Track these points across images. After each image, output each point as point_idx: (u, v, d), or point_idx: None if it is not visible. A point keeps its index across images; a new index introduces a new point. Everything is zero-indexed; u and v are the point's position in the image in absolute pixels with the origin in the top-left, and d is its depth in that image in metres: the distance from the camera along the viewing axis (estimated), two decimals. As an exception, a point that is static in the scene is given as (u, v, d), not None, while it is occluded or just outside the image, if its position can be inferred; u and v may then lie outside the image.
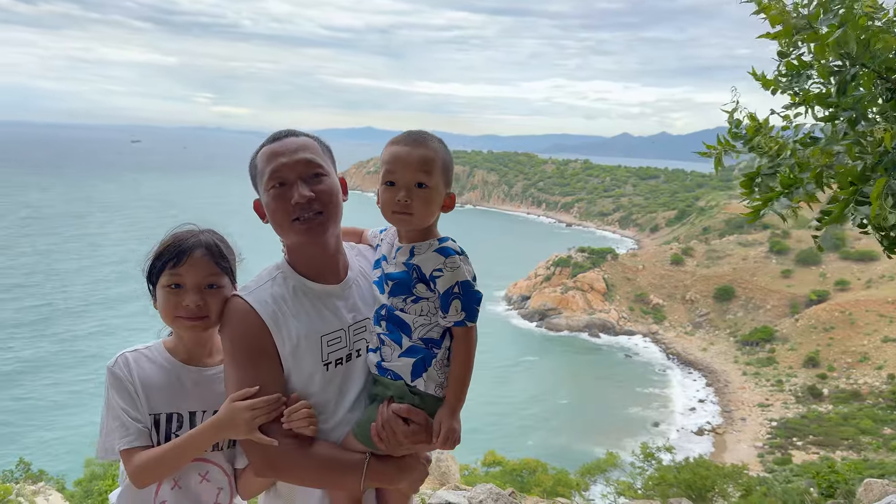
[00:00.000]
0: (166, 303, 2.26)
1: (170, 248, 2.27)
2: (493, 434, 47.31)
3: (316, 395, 2.11)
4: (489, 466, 18.77)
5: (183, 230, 2.33)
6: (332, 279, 2.20)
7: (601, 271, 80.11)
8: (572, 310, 75.48)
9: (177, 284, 2.24)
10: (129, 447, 2.19)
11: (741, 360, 65.07)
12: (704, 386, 60.89)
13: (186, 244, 2.26)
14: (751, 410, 54.45)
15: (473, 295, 2.03)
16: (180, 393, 2.29)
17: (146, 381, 2.26)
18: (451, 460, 10.21)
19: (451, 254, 2.03)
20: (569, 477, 17.72)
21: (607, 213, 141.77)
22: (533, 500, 5.74)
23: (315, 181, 2.10)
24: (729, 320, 73.02)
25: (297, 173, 2.09)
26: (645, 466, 17.23)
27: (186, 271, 2.24)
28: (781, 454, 44.36)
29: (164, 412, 2.26)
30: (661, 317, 75.96)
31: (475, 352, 2.09)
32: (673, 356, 68.03)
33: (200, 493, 2.31)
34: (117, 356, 2.28)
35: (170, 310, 2.26)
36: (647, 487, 14.43)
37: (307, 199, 2.06)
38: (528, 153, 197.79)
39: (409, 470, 2.12)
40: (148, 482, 2.22)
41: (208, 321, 2.26)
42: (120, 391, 2.23)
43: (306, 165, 2.10)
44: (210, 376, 2.33)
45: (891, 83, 2.30)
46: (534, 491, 16.24)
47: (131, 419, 2.21)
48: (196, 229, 2.34)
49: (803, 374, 59.83)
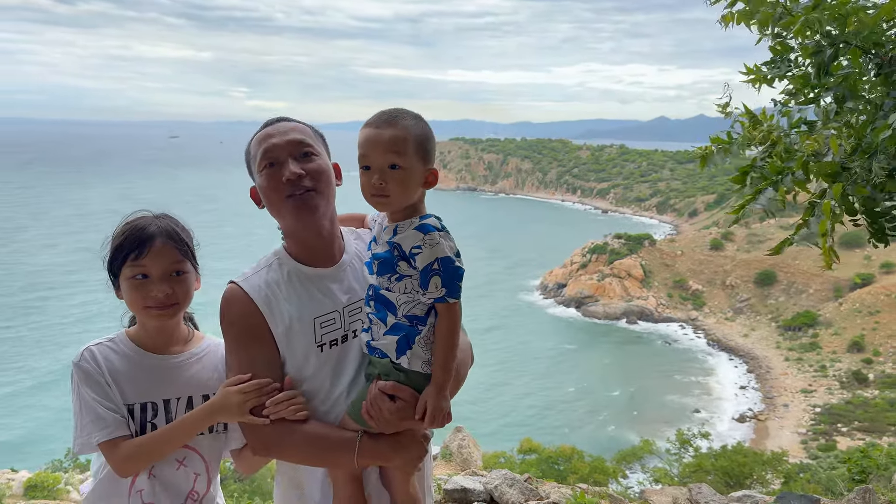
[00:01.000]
0: (133, 295, 2.22)
1: (130, 238, 2.21)
2: (530, 422, 47.35)
3: (311, 377, 2.13)
4: (525, 454, 18.79)
5: (139, 218, 2.28)
6: (327, 262, 2.22)
7: (638, 258, 79.23)
8: (609, 297, 74.91)
9: (143, 275, 2.20)
10: (110, 438, 2.15)
11: (783, 345, 63.90)
12: (746, 372, 60.03)
13: (147, 233, 2.21)
14: (793, 396, 53.52)
15: (454, 271, 2.00)
16: (151, 381, 2.25)
17: (115, 373, 2.22)
18: (474, 447, 10.26)
19: (431, 230, 1.99)
20: (605, 464, 17.68)
21: (644, 198, 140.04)
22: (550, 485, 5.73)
23: (305, 160, 2.13)
24: (770, 305, 71.72)
25: (287, 152, 2.12)
26: (681, 453, 17.10)
27: (150, 262, 2.20)
28: (825, 441, 43.54)
29: (138, 402, 2.23)
30: (700, 303, 74.93)
31: (459, 328, 2.07)
32: (713, 343, 67.14)
33: (177, 480, 2.29)
34: (82, 350, 2.24)
35: (138, 301, 2.22)
36: (683, 474, 14.33)
37: (297, 176, 2.08)
38: (563, 139, 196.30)
39: (404, 447, 2.10)
40: (135, 471, 2.21)
41: (178, 308, 2.25)
42: (91, 384, 2.18)
43: (296, 145, 2.13)
44: (179, 363, 2.32)
45: (879, 58, 2.24)
46: (570, 478, 16.25)
47: (108, 410, 2.17)
48: (151, 215, 2.30)
49: (847, 358, 58.54)
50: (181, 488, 2.30)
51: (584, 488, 5.94)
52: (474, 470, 7.04)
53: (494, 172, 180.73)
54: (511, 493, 5.28)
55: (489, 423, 45.94)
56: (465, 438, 10.32)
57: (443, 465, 9.78)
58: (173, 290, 2.22)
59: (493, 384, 54.53)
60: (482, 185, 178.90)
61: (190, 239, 2.33)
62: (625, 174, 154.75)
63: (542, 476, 16.32)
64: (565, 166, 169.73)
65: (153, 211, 2.32)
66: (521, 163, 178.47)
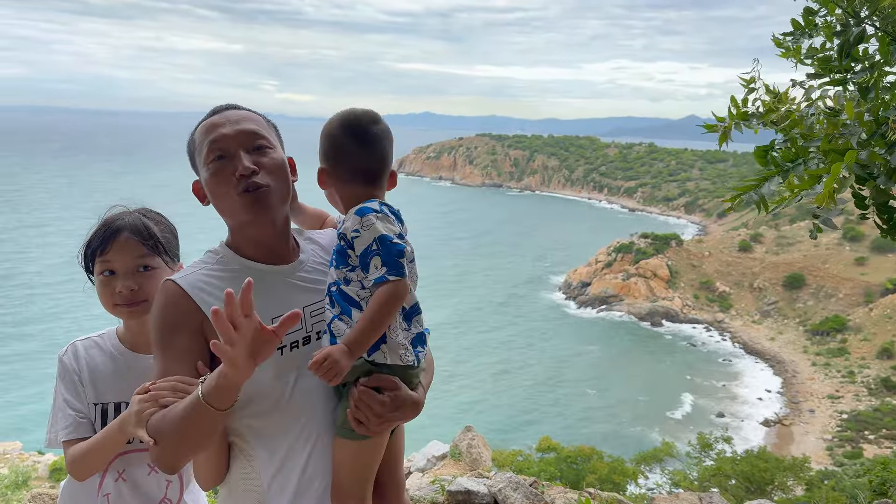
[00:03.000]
0: (102, 291, 2.17)
1: (97, 233, 2.18)
2: (551, 421, 47.22)
3: (271, 380, 1.88)
4: (543, 452, 18.72)
5: (111, 213, 2.23)
6: (283, 260, 2.02)
7: (665, 258, 78.47)
8: (634, 297, 74.32)
9: (109, 271, 2.16)
10: (67, 439, 2.12)
11: (811, 350, 62.93)
12: (772, 376, 59.22)
13: (112, 227, 2.17)
14: (820, 402, 52.71)
15: (392, 247, 1.85)
16: (128, 382, 2.14)
17: (94, 370, 2.19)
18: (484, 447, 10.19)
19: (367, 212, 1.89)
20: (624, 465, 17.56)
21: (672, 198, 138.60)
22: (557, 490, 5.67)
23: (259, 153, 1.93)
24: (798, 309, 70.64)
25: (238, 144, 1.91)
26: (701, 457, 16.93)
27: (114, 256, 2.15)
28: (852, 447, 42.84)
29: (112, 401, 2.18)
30: (727, 305, 74.05)
31: (395, 305, 1.86)
32: (739, 345, 66.33)
33: (148, 486, 2.23)
34: (68, 345, 2.22)
35: (107, 297, 2.17)
36: (702, 478, 14.18)
37: (251, 171, 1.87)
38: (590, 137, 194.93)
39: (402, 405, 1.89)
40: (84, 475, 2.15)
41: (147, 305, 2.14)
42: (65, 381, 2.17)
43: (249, 136, 1.93)
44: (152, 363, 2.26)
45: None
46: (588, 478, 16.18)
47: (72, 410, 2.14)
48: (124, 210, 2.24)
49: (877, 365, 57.47)
50: (152, 495, 2.25)
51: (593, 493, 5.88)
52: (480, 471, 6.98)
53: (520, 169, 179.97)
54: (515, 496, 5.23)
55: (507, 420, 45.93)
56: (475, 438, 10.23)
57: (451, 464, 9.71)
58: (140, 286, 2.15)
59: (512, 382, 54.47)
60: (508, 181, 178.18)
61: (168, 233, 2.28)
62: (653, 173, 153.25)
63: (560, 475, 16.31)
64: (592, 164, 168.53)
65: (129, 206, 2.27)
66: (548, 160, 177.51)
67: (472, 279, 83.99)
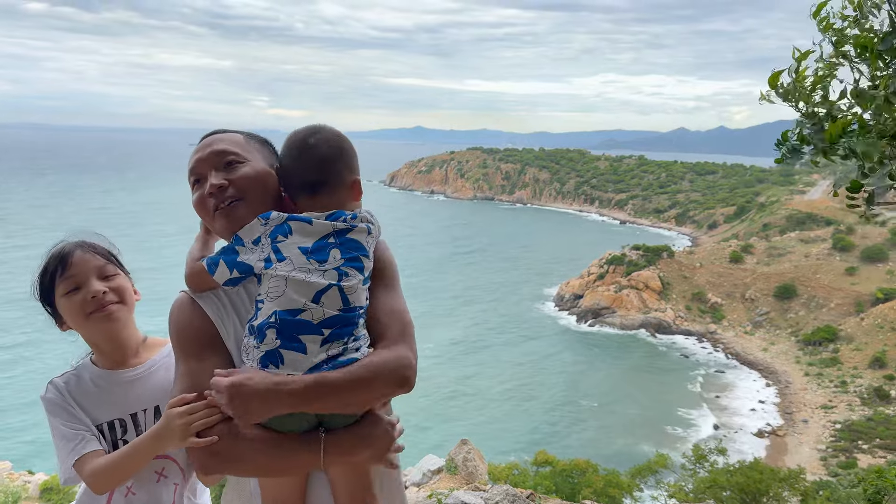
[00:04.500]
0: (72, 308, 2.22)
1: (51, 261, 2.25)
2: (544, 434, 47.10)
3: None
4: (539, 466, 18.65)
5: (55, 248, 2.31)
6: None
7: (657, 269, 78.71)
8: (627, 309, 74.42)
9: (74, 287, 2.21)
10: (78, 456, 2.14)
11: (803, 360, 63.08)
12: (764, 387, 59.28)
13: (65, 250, 2.25)
14: (813, 412, 52.78)
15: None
16: (115, 398, 2.26)
17: (80, 397, 2.25)
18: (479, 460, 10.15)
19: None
20: (620, 478, 17.50)
21: (663, 209, 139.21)
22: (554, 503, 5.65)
23: (229, 169, 2.01)
24: (790, 319, 70.89)
25: (210, 164, 2.02)
26: (696, 468, 16.90)
27: (76, 270, 2.22)
28: (846, 458, 42.87)
29: (105, 420, 2.24)
30: (719, 316, 74.23)
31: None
32: (732, 356, 66.42)
33: (158, 493, 2.26)
34: (47, 384, 2.27)
35: (77, 311, 2.22)
36: (697, 490, 14.16)
37: (218, 188, 1.98)
38: (580, 150, 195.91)
39: (370, 436, 1.90)
40: (107, 487, 2.17)
41: (121, 306, 2.26)
42: (58, 412, 2.21)
43: (218, 155, 2.02)
44: (140, 374, 2.31)
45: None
46: (584, 492, 16.12)
47: (74, 430, 2.18)
48: (65, 241, 2.32)
49: (869, 374, 57.65)
50: (163, 500, 2.27)
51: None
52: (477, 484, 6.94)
53: (512, 182, 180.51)
54: (512, 510, 5.19)
55: (503, 434, 45.76)
56: (471, 451, 10.18)
57: (447, 478, 9.64)
58: (108, 289, 2.24)
59: (506, 395, 54.32)
60: (499, 194, 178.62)
61: (110, 249, 2.36)
62: (643, 185, 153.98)
63: (555, 489, 16.24)
64: (583, 177, 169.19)
65: (68, 237, 2.35)
66: (539, 173, 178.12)
67: (471, 294, 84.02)
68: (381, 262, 2.07)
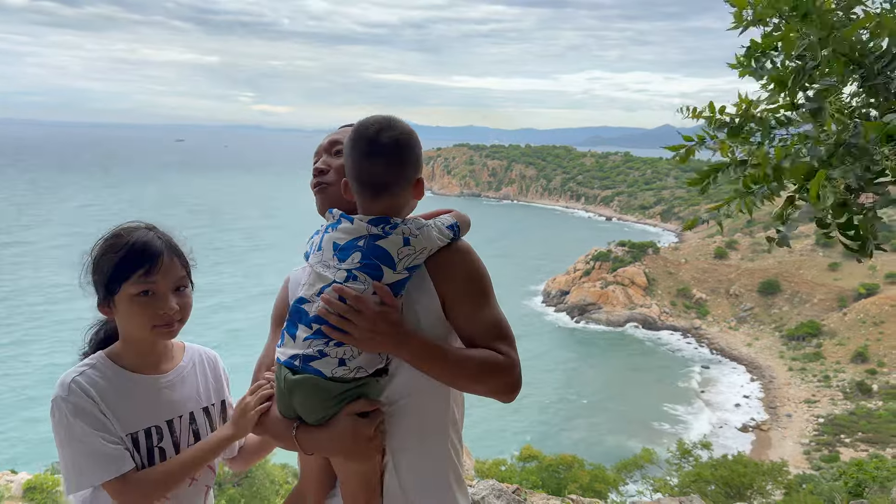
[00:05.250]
0: (139, 312, 2.04)
1: (137, 252, 2.03)
2: (530, 429, 47.24)
3: None
4: (525, 461, 18.74)
5: (136, 230, 2.11)
6: None
7: (642, 265, 79.16)
8: (612, 305, 74.79)
9: (148, 292, 2.03)
10: (119, 475, 1.97)
11: (787, 355, 63.72)
12: (749, 382, 59.84)
13: (155, 248, 2.06)
14: (797, 407, 53.34)
15: None
16: (149, 404, 2.09)
17: (110, 402, 2.02)
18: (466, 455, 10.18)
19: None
20: (605, 473, 17.63)
21: (648, 206, 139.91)
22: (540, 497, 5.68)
23: (336, 156, 2.22)
24: (774, 315, 71.56)
25: (324, 149, 2.28)
26: (682, 463, 17.05)
27: (159, 278, 2.03)
28: (829, 451, 43.39)
29: (141, 428, 2.06)
30: (704, 311, 74.79)
31: None
32: (716, 351, 66.98)
33: (191, 499, 2.18)
34: (68, 383, 2.00)
35: (145, 319, 2.04)
36: (683, 484, 14.28)
37: (318, 170, 2.25)
38: (567, 146, 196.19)
39: (338, 436, 1.88)
40: (153, 500, 2.04)
41: (182, 325, 2.12)
42: (85, 418, 1.97)
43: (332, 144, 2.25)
44: (174, 380, 2.19)
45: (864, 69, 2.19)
46: (570, 487, 16.21)
47: (111, 444, 1.98)
48: (144, 226, 2.13)
49: (851, 369, 58.35)
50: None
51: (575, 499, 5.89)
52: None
53: (498, 179, 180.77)
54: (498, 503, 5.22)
55: (489, 430, 45.85)
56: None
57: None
58: (180, 307, 2.09)
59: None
60: (486, 191, 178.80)
61: (189, 259, 2.20)
62: (629, 182, 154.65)
63: (541, 485, 16.32)
64: (569, 173, 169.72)
65: (143, 222, 2.15)
66: (526, 169, 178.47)
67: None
68: (466, 274, 1.99)
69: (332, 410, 1.88)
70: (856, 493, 6.30)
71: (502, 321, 1.99)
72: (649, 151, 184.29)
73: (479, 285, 2.01)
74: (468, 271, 2.00)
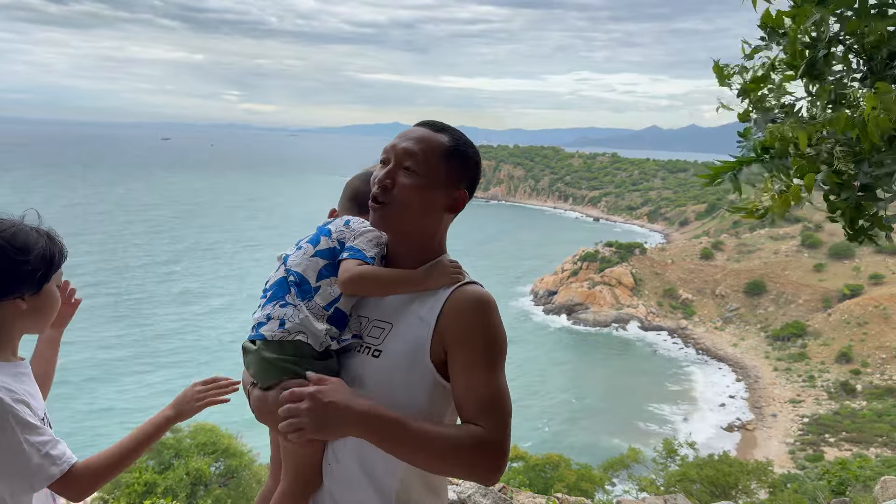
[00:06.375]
0: (56, 300, 2.05)
1: (60, 251, 2.04)
2: (517, 429, 47.26)
3: None
4: (512, 461, 18.76)
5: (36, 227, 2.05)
6: None
7: (629, 266, 79.50)
8: (600, 305, 75.04)
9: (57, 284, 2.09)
10: (73, 462, 1.90)
11: (772, 355, 64.19)
12: (734, 381, 60.21)
13: (63, 246, 2.08)
14: (782, 406, 53.74)
15: None
16: (34, 391, 2.00)
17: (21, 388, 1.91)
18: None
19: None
20: (592, 472, 17.69)
21: (635, 206, 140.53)
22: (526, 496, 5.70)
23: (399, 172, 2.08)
24: (760, 315, 72.06)
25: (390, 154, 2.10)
26: (667, 462, 17.14)
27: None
28: (813, 451, 43.74)
29: (42, 416, 1.95)
30: (690, 312, 75.18)
31: None
32: (702, 351, 67.34)
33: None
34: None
35: (55, 305, 2.06)
36: (668, 483, 14.36)
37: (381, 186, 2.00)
38: (555, 147, 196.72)
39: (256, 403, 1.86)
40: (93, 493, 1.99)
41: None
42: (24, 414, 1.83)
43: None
44: (28, 368, 2.08)
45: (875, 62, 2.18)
46: (556, 486, 16.25)
47: (52, 436, 1.90)
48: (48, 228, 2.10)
49: (836, 369, 58.86)
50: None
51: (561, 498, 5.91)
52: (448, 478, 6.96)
53: (487, 179, 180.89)
54: (485, 502, 5.23)
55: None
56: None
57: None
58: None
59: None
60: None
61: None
62: (616, 182, 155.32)
63: (528, 484, 16.34)
64: (557, 174, 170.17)
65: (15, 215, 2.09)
66: (514, 170, 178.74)
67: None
68: (480, 330, 1.81)
69: (269, 380, 1.83)
70: (839, 491, 6.38)
71: (501, 395, 1.75)
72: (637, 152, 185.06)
73: (490, 348, 1.80)
74: (484, 327, 1.82)
